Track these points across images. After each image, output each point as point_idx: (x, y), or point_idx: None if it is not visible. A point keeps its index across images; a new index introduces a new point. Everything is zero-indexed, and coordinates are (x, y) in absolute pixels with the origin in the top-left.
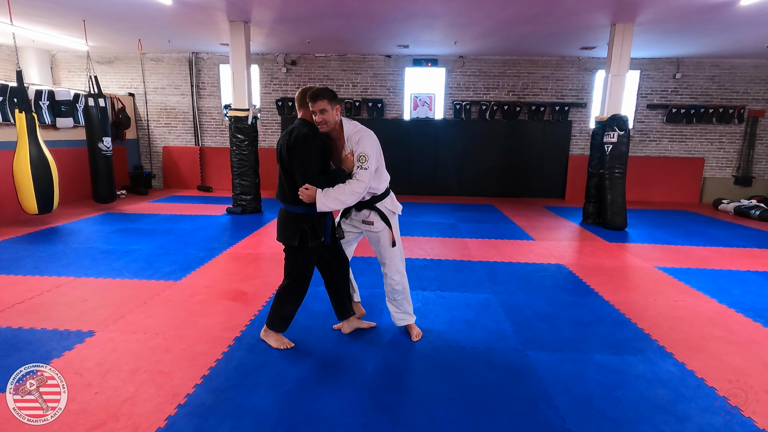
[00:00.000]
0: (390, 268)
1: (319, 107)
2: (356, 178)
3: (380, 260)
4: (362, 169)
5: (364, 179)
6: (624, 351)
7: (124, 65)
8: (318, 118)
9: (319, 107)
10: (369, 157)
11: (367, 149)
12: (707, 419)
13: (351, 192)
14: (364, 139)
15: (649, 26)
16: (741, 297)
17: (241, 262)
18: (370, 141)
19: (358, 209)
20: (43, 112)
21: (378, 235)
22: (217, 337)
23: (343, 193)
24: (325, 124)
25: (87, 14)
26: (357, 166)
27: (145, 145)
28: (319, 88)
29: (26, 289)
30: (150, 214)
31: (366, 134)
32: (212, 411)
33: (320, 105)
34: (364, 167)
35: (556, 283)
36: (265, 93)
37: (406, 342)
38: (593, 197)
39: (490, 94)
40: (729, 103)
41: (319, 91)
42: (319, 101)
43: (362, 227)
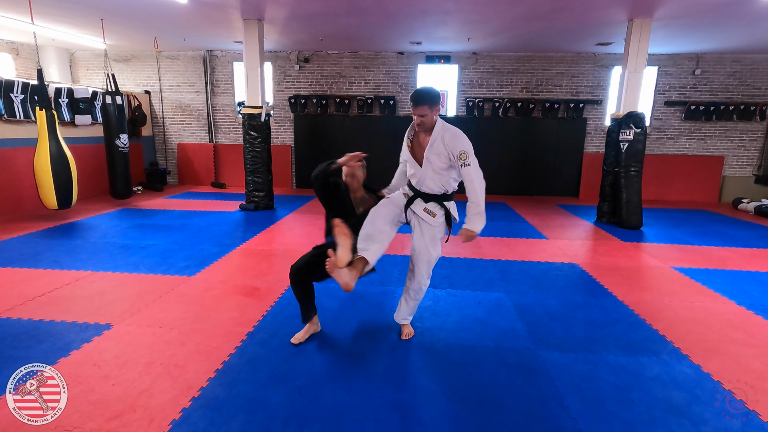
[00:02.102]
0: (421, 269)
1: (420, 112)
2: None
3: (416, 258)
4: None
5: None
6: (638, 352)
7: (140, 63)
8: (417, 120)
9: (420, 112)
10: (468, 153)
11: (466, 146)
12: (723, 423)
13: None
14: (459, 136)
15: (668, 21)
16: (761, 299)
17: (254, 258)
18: (464, 138)
19: (426, 200)
20: (63, 109)
21: (433, 228)
22: (230, 332)
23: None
24: (422, 126)
25: (105, 13)
26: (461, 163)
27: (160, 142)
28: (421, 91)
29: (46, 282)
30: (165, 210)
31: (458, 132)
32: (225, 404)
33: (421, 110)
34: (467, 163)
35: (569, 283)
36: (278, 90)
37: (417, 340)
38: (608, 196)
39: (503, 91)
40: (750, 99)
41: (420, 95)
42: (420, 107)
43: (422, 215)
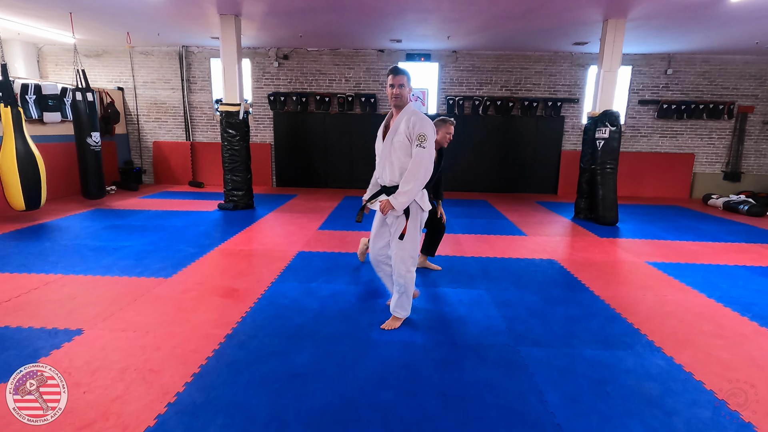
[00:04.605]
0: (396, 257)
1: (400, 81)
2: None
3: (391, 251)
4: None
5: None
6: (614, 346)
7: (112, 59)
8: (395, 91)
9: (398, 81)
10: (428, 138)
11: (429, 132)
12: (695, 413)
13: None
14: (426, 121)
15: (641, 22)
16: (729, 291)
17: (233, 258)
18: (431, 126)
19: (389, 193)
20: (30, 106)
21: (396, 219)
22: (208, 335)
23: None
24: (399, 99)
25: (74, 6)
26: (417, 143)
27: (134, 140)
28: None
29: (13, 287)
30: (140, 210)
31: (427, 119)
32: (203, 409)
33: (400, 79)
34: (423, 146)
35: (547, 279)
36: (257, 87)
37: (399, 338)
38: (585, 192)
39: (483, 89)
40: (719, 99)
41: (399, 67)
42: (400, 75)
43: (376, 208)
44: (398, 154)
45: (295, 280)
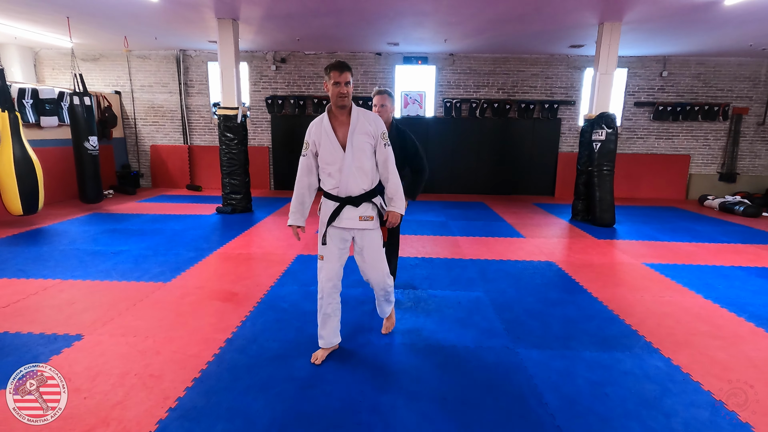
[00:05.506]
0: (374, 272)
1: (347, 78)
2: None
3: (366, 268)
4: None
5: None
6: (612, 347)
7: (109, 63)
8: (344, 89)
9: (345, 78)
10: (386, 134)
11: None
12: (693, 414)
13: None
14: (378, 117)
15: (636, 25)
16: (725, 292)
17: (231, 262)
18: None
19: (357, 204)
20: (27, 110)
21: (372, 233)
22: (208, 339)
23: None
24: (346, 98)
25: (71, 11)
26: (384, 143)
27: (132, 143)
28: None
29: (11, 292)
30: (138, 214)
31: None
32: (204, 414)
33: (346, 76)
34: (387, 143)
35: (546, 281)
36: (255, 91)
37: (398, 342)
38: (582, 194)
39: (480, 91)
40: (714, 100)
41: (345, 62)
42: (347, 72)
43: (359, 225)
44: (364, 158)
45: (295, 283)
